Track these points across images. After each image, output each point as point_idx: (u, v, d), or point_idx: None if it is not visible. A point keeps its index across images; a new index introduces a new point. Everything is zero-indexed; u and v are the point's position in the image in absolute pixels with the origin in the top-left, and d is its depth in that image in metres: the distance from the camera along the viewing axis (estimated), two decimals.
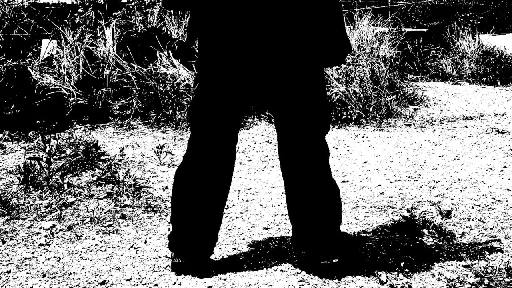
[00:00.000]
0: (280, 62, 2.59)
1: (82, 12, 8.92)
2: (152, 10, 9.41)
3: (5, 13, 8.44)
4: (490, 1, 41.43)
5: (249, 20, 2.55)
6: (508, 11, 36.74)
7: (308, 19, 2.61)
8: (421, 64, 12.17)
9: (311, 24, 2.62)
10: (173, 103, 6.58)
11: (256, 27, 2.55)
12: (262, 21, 2.54)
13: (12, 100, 6.22)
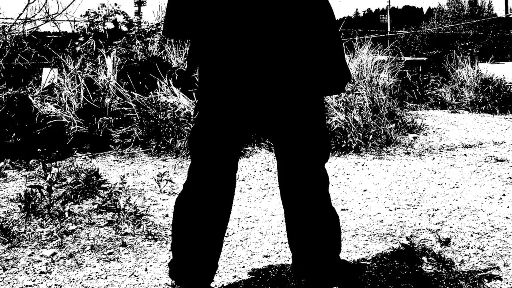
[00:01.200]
0: (280, 91, 2.60)
1: (83, 41, 8.99)
2: (152, 39, 9.47)
3: (6, 41, 8.49)
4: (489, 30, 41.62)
5: (249, 49, 2.56)
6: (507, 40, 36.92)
7: (307, 49, 2.62)
8: (420, 92, 12.25)
9: (310, 53, 2.64)
10: (174, 131, 6.61)
11: (257, 56, 2.56)
12: (263, 50, 2.55)
13: (13, 129, 6.25)
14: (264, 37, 2.56)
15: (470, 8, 55.21)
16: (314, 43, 2.66)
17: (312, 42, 2.65)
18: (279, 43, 2.57)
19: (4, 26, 8.71)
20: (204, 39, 2.70)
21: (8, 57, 8.35)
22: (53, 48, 8.72)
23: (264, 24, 2.56)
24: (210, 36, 2.66)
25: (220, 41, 2.63)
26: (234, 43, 2.59)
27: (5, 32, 8.57)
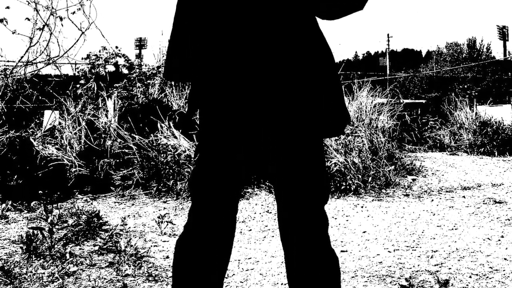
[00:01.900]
0: (279, 134, 2.61)
1: (84, 83, 9.06)
2: (153, 82, 9.54)
3: (8, 84, 8.56)
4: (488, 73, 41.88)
5: (249, 94, 2.58)
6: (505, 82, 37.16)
7: (307, 91, 2.63)
8: (419, 134, 12.31)
9: (310, 96, 2.64)
10: (174, 173, 6.64)
11: (257, 100, 2.57)
12: (262, 94, 2.57)
13: (15, 171, 6.29)
14: (263, 81, 2.58)
15: (469, 51, 55.59)
16: (314, 86, 2.66)
17: (311, 85, 2.65)
18: (279, 87, 2.58)
19: (6, 69, 8.79)
20: (204, 83, 2.72)
21: (10, 99, 8.42)
22: (54, 90, 8.79)
23: (263, 69, 2.58)
24: (210, 80, 2.68)
25: (220, 85, 2.64)
26: (234, 87, 2.60)
27: (6, 75, 8.64)
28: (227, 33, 2.68)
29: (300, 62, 2.64)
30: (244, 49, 2.62)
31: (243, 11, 2.68)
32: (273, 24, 2.65)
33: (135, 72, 9.80)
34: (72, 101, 8.16)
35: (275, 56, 2.60)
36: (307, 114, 2.65)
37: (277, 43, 2.62)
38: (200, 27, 2.80)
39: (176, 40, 2.93)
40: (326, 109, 2.71)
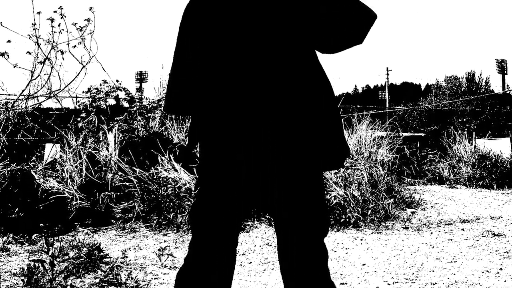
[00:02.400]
0: (279, 167, 2.64)
1: (85, 116, 9.10)
2: (153, 115, 9.59)
3: (9, 117, 8.61)
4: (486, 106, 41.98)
5: (250, 129, 2.62)
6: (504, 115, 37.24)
7: (307, 125, 2.67)
8: (418, 168, 12.35)
9: (310, 129, 2.68)
10: (174, 206, 6.67)
11: (257, 135, 2.61)
12: (262, 128, 2.61)
13: (16, 204, 6.32)
14: (264, 116, 2.61)
15: (468, 85, 55.78)
16: (313, 120, 2.70)
17: (311, 118, 2.69)
18: (278, 121, 2.62)
19: (7, 102, 8.84)
20: (205, 117, 2.75)
21: (11, 132, 8.46)
22: (55, 124, 8.83)
23: (263, 104, 2.62)
24: (210, 114, 2.72)
25: (221, 119, 2.68)
26: (233, 122, 2.64)
27: (8, 108, 8.69)
28: (227, 68, 2.72)
29: (300, 97, 2.68)
30: (245, 84, 2.67)
31: (243, 46, 2.72)
32: (273, 59, 2.69)
33: (136, 106, 9.85)
34: (73, 134, 8.20)
35: (275, 91, 2.64)
36: (307, 148, 2.69)
37: (277, 77, 2.66)
38: (200, 62, 2.84)
39: (177, 74, 2.99)
40: (326, 142, 2.75)
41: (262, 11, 2.76)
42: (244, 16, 2.77)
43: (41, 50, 8.88)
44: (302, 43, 2.78)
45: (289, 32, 2.74)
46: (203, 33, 2.85)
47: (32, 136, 8.70)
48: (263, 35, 2.72)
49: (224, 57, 2.75)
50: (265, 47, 2.71)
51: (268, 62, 2.69)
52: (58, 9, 8.90)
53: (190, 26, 2.95)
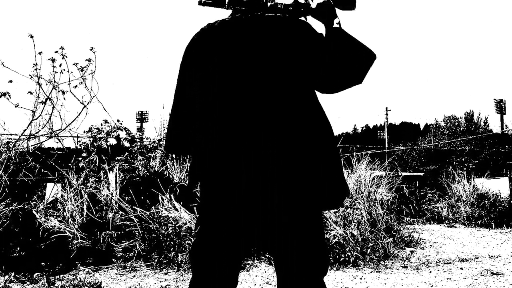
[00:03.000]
0: (279, 206, 2.66)
1: (86, 156, 9.16)
2: (154, 155, 9.64)
3: (10, 157, 8.66)
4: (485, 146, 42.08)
5: (250, 166, 2.65)
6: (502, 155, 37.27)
7: (306, 165, 2.70)
8: (417, 207, 12.39)
9: (309, 169, 2.71)
10: (175, 245, 6.70)
11: (257, 174, 2.65)
12: (262, 169, 2.65)
13: (17, 243, 6.35)
14: (264, 156, 2.65)
15: (466, 124, 55.99)
16: (313, 160, 2.73)
17: (311, 158, 2.72)
18: (279, 162, 2.66)
19: (9, 142, 8.89)
20: (205, 157, 2.78)
21: (13, 172, 8.50)
22: (56, 163, 8.88)
23: (264, 145, 2.66)
24: (211, 154, 2.75)
25: (221, 160, 2.72)
26: (234, 162, 2.68)
27: (9, 148, 8.74)
28: (227, 108, 2.76)
29: (300, 137, 2.72)
30: (245, 125, 2.71)
31: (243, 87, 2.77)
32: (273, 99, 2.73)
33: (137, 145, 9.91)
34: (74, 173, 8.25)
35: (275, 132, 2.68)
36: (306, 187, 2.71)
37: (277, 118, 2.70)
38: (201, 102, 2.88)
39: (177, 114, 3.02)
40: (326, 182, 2.77)
41: (262, 50, 2.82)
42: (245, 55, 2.83)
43: (42, 90, 8.97)
44: (302, 83, 2.83)
45: (289, 72, 2.80)
46: (204, 73, 2.90)
47: (34, 176, 8.75)
48: (263, 75, 2.78)
49: (224, 99, 2.79)
50: (265, 87, 2.76)
51: (268, 102, 2.73)
52: (59, 49, 9.00)
53: (190, 66, 2.99)
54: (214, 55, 2.90)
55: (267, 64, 2.80)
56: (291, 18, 2.95)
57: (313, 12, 3.00)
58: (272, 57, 2.81)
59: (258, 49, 2.84)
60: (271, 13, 2.97)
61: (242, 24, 2.94)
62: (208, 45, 2.94)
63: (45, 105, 9.00)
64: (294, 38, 2.86)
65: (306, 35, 2.89)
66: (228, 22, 2.98)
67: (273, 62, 2.81)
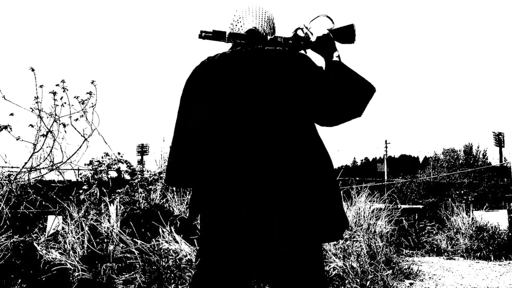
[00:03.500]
0: (279, 238, 2.67)
1: (87, 189, 9.18)
2: (154, 187, 9.66)
3: (12, 190, 8.68)
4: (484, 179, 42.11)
5: (249, 199, 2.68)
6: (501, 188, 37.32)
7: (306, 197, 2.72)
8: (416, 239, 12.41)
9: (309, 202, 2.73)
10: (175, 277, 6.71)
11: (257, 207, 2.67)
12: (262, 201, 2.67)
13: (18, 275, 6.37)
14: (263, 189, 2.68)
15: (465, 157, 56.01)
16: (313, 193, 2.75)
17: (311, 190, 2.74)
18: (278, 194, 2.68)
19: (10, 175, 8.92)
20: (205, 189, 2.81)
21: (14, 204, 8.51)
22: (57, 196, 8.90)
23: (264, 179, 2.68)
24: (210, 186, 2.78)
25: (220, 191, 2.75)
26: (234, 195, 2.71)
27: (11, 181, 8.77)
28: (227, 142, 2.79)
29: (300, 170, 2.74)
30: (244, 158, 2.73)
31: (243, 120, 2.80)
32: (273, 132, 2.76)
33: (137, 178, 9.93)
34: (75, 206, 8.27)
35: (275, 164, 2.70)
36: (306, 220, 2.73)
37: (277, 151, 2.72)
38: (201, 135, 2.90)
39: (178, 147, 3.04)
40: (325, 214, 2.78)
41: (262, 84, 2.86)
42: (245, 89, 2.86)
43: (43, 123, 9.00)
44: (301, 116, 2.86)
45: (289, 105, 2.83)
46: (205, 106, 2.92)
47: (35, 208, 8.76)
48: (263, 108, 2.81)
49: (225, 131, 2.82)
50: (265, 120, 2.78)
51: (267, 135, 2.76)
52: (60, 82, 9.04)
53: (191, 100, 3.02)
54: (214, 88, 2.92)
55: (267, 97, 2.83)
56: (291, 52, 3.00)
57: (313, 45, 3.06)
58: (272, 90, 2.84)
59: (258, 82, 2.87)
60: (271, 47, 3.01)
61: (242, 58, 2.98)
62: (208, 79, 2.97)
63: (46, 138, 9.03)
64: (294, 72, 2.90)
65: (306, 68, 2.93)
66: (228, 55, 3.02)
67: (273, 95, 2.84)
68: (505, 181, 39.69)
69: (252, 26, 3.13)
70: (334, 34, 3.08)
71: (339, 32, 3.10)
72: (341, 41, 3.09)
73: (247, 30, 3.11)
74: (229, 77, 2.93)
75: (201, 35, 3.05)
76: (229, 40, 3.05)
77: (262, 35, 3.04)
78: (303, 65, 2.95)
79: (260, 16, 3.17)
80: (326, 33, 3.08)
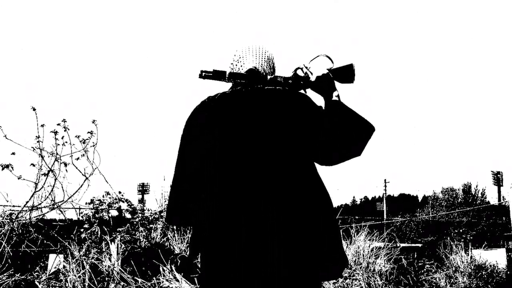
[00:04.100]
0: (279, 278, 2.68)
1: (88, 227, 9.20)
2: (155, 226, 9.68)
3: (13, 228, 8.70)
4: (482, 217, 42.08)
5: (250, 239, 2.70)
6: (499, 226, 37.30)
7: (306, 236, 2.75)
8: (415, 278, 12.40)
9: (308, 242, 2.76)
10: None
11: (257, 247, 2.69)
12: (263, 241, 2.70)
13: None
14: (263, 229, 2.70)
15: (464, 196, 55.92)
16: (313, 232, 2.77)
17: (310, 231, 2.77)
18: (278, 234, 2.70)
19: (12, 214, 8.94)
20: (205, 227, 2.82)
21: (16, 243, 8.54)
22: (59, 234, 8.92)
23: (263, 218, 2.71)
24: (210, 225, 2.80)
25: (221, 232, 2.76)
26: (234, 234, 2.73)
27: (12, 220, 8.79)
28: (227, 181, 2.82)
29: (300, 209, 2.76)
30: (244, 198, 2.76)
31: (243, 159, 2.83)
32: (273, 172, 2.78)
33: (138, 217, 9.93)
34: (76, 245, 8.30)
35: (274, 204, 2.72)
36: (306, 259, 2.75)
37: (276, 191, 2.75)
38: (201, 175, 2.92)
39: (178, 186, 3.04)
40: (325, 253, 2.81)
41: (262, 123, 2.89)
42: (245, 128, 2.90)
43: (44, 162, 9.02)
44: (301, 155, 2.89)
45: (288, 144, 2.86)
46: (205, 146, 2.94)
47: (36, 247, 8.80)
48: (263, 147, 2.84)
49: (225, 170, 2.84)
50: (265, 160, 2.81)
51: (267, 175, 2.78)
52: (61, 121, 9.06)
53: (191, 139, 3.04)
54: (214, 128, 2.95)
55: (267, 136, 2.86)
56: (290, 91, 3.04)
57: (313, 85, 3.11)
58: (272, 130, 2.88)
59: (258, 122, 2.90)
60: (271, 86, 3.05)
61: (242, 97, 3.02)
62: (209, 118, 3.00)
63: (47, 177, 9.05)
64: (294, 111, 2.93)
65: (305, 107, 2.97)
66: (228, 94, 3.06)
67: (273, 134, 2.87)
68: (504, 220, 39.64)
69: (252, 65, 3.16)
70: (333, 74, 3.13)
71: (339, 71, 3.14)
72: (340, 80, 3.14)
73: (247, 69, 3.15)
74: (229, 117, 2.96)
75: (201, 75, 3.10)
76: (229, 80, 3.09)
77: (262, 75, 3.08)
78: (303, 104, 2.99)
79: (260, 56, 3.21)
80: (325, 73, 3.13)
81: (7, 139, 8.73)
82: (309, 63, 3.16)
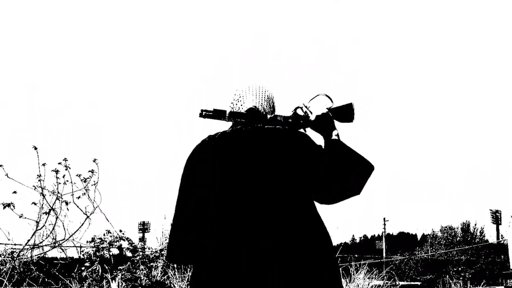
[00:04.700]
0: None
1: (89, 266, 9.24)
2: (156, 264, 9.72)
3: (14, 267, 8.73)
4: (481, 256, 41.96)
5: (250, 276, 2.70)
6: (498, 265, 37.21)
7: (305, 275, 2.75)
8: None
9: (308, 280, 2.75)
10: None
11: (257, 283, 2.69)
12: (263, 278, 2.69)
13: None
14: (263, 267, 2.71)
15: (463, 235, 55.75)
16: (312, 269, 2.77)
17: (309, 268, 2.76)
18: (279, 274, 2.70)
19: (13, 252, 8.97)
20: (206, 265, 2.83)
21: (17, 281, 8.57)
22: (60, 273, 8.95)
23: (262, 255, 2.72)
24: (211, 262, 2.81)
25: (221, 268, 2.77)
26: (234, 271, 2.73)
27: (14, 258, 8.82)
28: (228, 220, 2.85)
29: (299, 248, 2.79)
30: (244, 236, 2.79)
31: (243, 198, 2.87)
32: (272, 211, 2.82)
33: (139, 255, 9.95)
34: (77, 283, 8.34)
35: (274, 243, 2.76)
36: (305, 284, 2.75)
37: (276, 229, 2.79)
38: (202, 212, 2.94)
39: (179, 225, 3.06)
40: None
41: (262, 162, 2.92)
42: (245, 167, 2.93)
43: (46, 201, 9.01)
44: (300, 194, 2.91)
45: (288, 183, 2.89)
46: (206, 184, 2.97)
47: (37, 285, 8.83)
48: (262, 186, 2.87)
49: (225, 209, 2.87)
50: (264, 199, 2.84)
51: (267, 214, 2.80)
52: (62, 160, 9.08)
53: (191, 179, 3.06)
54: (215, 166, 2.97)
55: (267, 174, 2.89)
56: (290, 130, 3.09)
57: (312, 124, 3.15)
58: (271, 169, 2.90)
59: (258, 160, 2.93)
60: (270, 125, 3.09)
61: (242, 136, 3.06)
62: (209, 156, 3.02)
63: (48, 215, 9.06)
64: (293, 150, 2.96)
65: (305, 146, 3.00)
66: (228, 134, 3.09)
67: (272, 172, 2.89)
68: (502, 258, 39.57)
69: (252, 105, 3.19)
70: (333, 113, 3.16)
71: (338, 111, 3.19)
72: (340, 119, 3.18)
73: (247, 109, 3.17)
74: (229, 155, 2.98)
75: (201, 114, 3.10)
76: (229, 119, 3.10)
77: (262, 114, 3.11)
78: (303, 143, 3.01)
79: (260, 95, 3.24)
80: (325, 112, 3.16)
81: (8, 178, 8.78)
82: (308, 102, 3.21)
